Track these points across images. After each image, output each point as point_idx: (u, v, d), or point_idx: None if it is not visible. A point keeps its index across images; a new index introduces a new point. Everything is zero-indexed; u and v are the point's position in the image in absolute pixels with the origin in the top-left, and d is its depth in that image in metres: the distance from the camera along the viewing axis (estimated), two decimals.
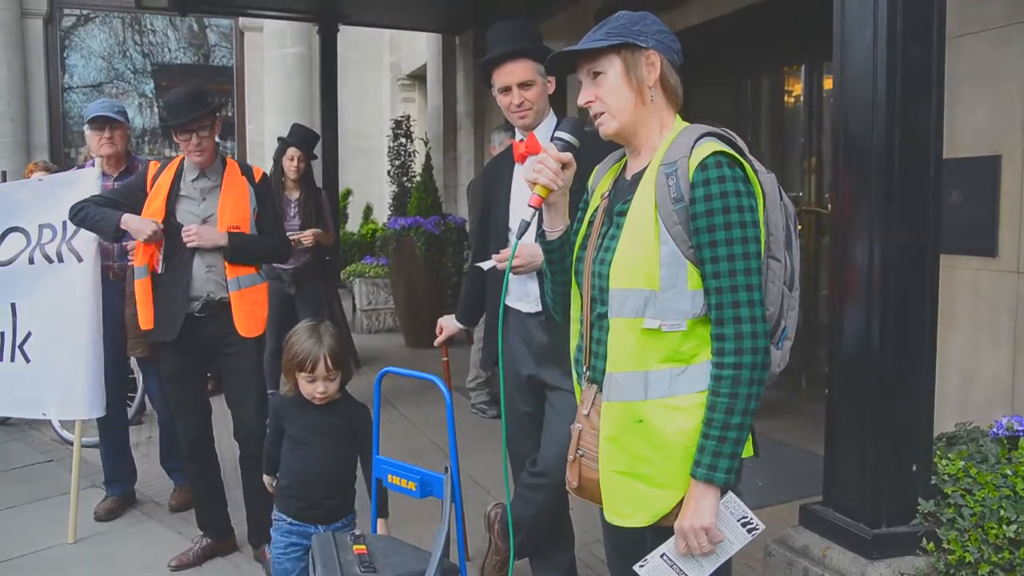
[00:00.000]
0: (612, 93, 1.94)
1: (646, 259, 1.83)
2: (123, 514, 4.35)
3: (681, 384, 1.84)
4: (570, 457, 2.04)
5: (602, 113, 1.96)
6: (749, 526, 1.84)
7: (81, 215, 3.68)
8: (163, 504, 4.47)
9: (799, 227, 6.33)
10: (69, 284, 4.04)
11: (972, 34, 3.84)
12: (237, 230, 3.65)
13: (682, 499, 1.84)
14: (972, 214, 3.87)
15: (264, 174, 3.90)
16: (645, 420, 1.84)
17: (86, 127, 4.44)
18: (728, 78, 7.18)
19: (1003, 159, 3.76)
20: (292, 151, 5.95)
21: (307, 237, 5.78)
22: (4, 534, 4.12)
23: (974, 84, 3.85)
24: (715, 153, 1.81)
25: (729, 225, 1.78)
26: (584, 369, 2.02)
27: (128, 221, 3.58)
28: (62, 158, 12.22)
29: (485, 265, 3.17)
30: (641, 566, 1.88)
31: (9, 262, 4.15)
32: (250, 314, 3.68)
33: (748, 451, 1.92)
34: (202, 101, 3.65)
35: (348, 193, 13.42)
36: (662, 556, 1.87)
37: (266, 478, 3.21)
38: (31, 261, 4.10)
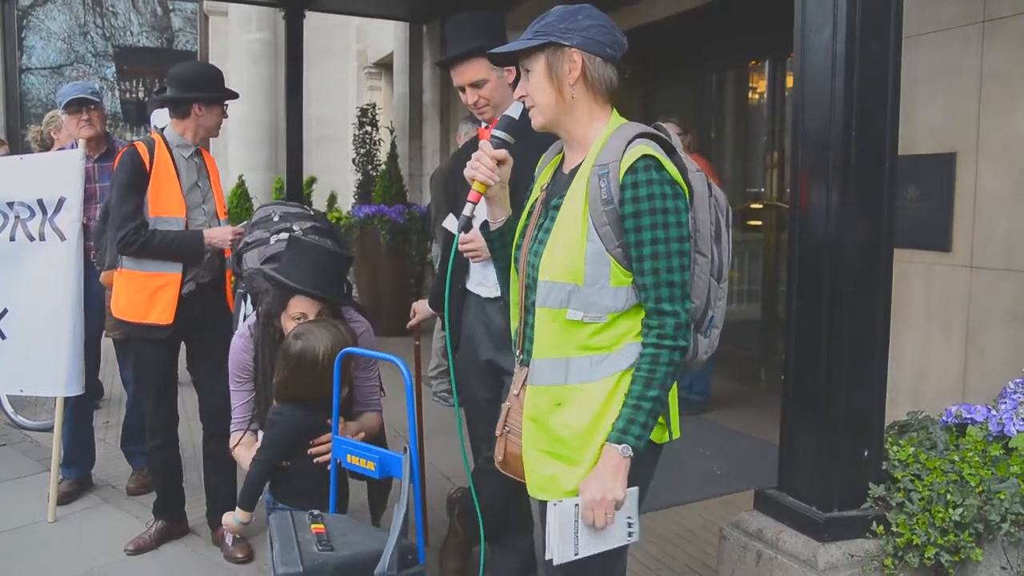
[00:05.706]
0: (537, 90, 2.02)
1: (572, 255, 1.91)
2: (79, 497, 4.31)
3: (601, 369, 1.92)
4: (497, 432, 2.14)
5: (532, 107, 2.05)
6: (630, 530, 1.92)
7: (151, 245, 3.45)
8: (119, 488, 4.43)
9: (752, 221, 6.45)
10: (51, 263, 4.02)
11: (930, 33, 3.92)
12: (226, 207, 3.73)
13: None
14: (927, 210, 3.95)
15: None
16: (563, 403, 1.93)
17: (62, 112, 4.38)
18: (692, 73, 7.24)
19: (958, 156, 3.83)
20: None
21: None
22: None
23: (931, 83, 3.93)
24: (644, 156, 1.89)
25: (655, 225, 1.88)
26: (518, 352, 2.12)
27: (211, 236, 3.52)
28: (19, 140, 11.98)
29: (450, 225, 3.16)
30: (555, 504, 1.91)
31: None
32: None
33: (675, 432, 2.04)
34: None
35: (312, 181, 13.24)
36: (575, 505, 1.89)
37: (242, 514, 2.83)
38: (12, 238, 4.07)
